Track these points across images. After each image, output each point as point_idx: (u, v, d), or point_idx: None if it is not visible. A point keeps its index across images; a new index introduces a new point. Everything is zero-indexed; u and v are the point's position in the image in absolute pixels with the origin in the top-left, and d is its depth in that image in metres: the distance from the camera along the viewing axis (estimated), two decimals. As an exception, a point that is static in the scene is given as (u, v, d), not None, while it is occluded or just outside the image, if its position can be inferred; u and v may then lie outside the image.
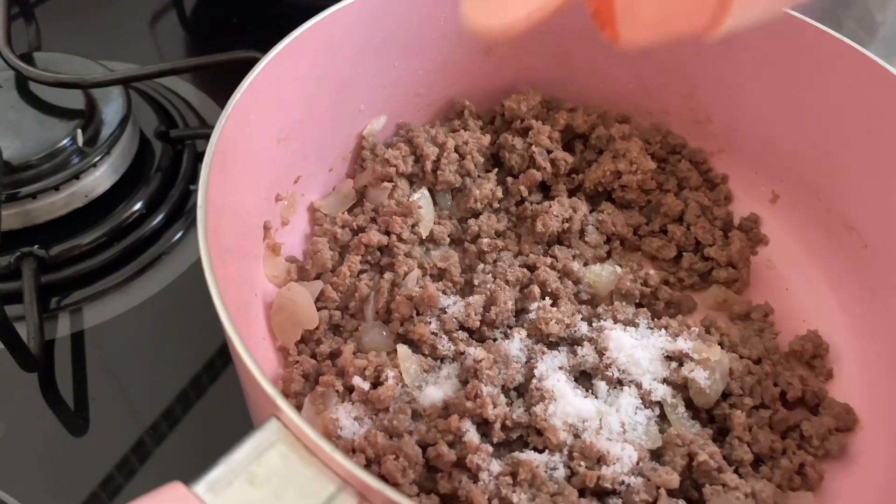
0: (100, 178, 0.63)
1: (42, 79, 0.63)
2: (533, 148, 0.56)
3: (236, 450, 0.30)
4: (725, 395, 0.47)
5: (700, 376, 0.45)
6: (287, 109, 0.47)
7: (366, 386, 0.44)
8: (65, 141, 0.61)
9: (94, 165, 0.62)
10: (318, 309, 0.49)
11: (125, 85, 0.66)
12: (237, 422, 0.50)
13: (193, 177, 0.68)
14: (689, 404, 0.46)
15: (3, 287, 0.57)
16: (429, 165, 0.54)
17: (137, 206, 0.64)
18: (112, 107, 0.65)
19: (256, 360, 0.32)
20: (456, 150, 0.55)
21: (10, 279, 0.58)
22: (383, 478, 0.40)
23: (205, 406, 0.54)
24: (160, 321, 0.58)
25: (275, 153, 0.47)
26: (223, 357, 0.56)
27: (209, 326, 0.57)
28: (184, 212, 0.65)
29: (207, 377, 0.55)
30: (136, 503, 0.28)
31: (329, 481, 0.30)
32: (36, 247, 0.59)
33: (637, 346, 0.46)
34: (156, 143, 0.69)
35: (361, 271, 0.51)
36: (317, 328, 0.48)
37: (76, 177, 0.61)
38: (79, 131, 0.62)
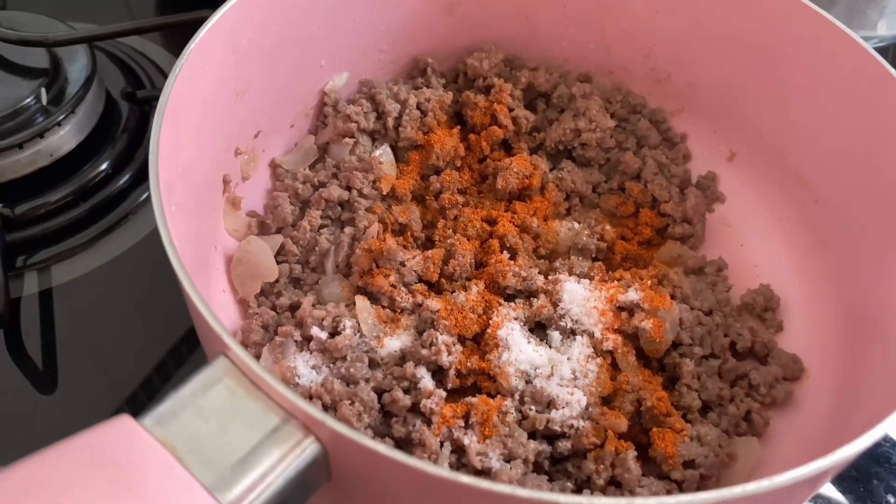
0: (65, 137, 0.62)
1: (4, 36, 0.62)
2: (495, 106, 0.56)
3: (184, 385, 0.31)
4: (676, 345, 0.48)
5: (650, 326, 0.46)
6: (245, 63, 0.47)
7: (323, 335, 0.45)
8: (28, 99, 0.61)
9: (59, 124, 0.62)
10: (279, 262, 0.50)
11: (90, 44, 0.66)
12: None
13: (153, 136, 0.68)
14: (641, 353, 0.47)
15: (-34, 244, 0.57)
16: (390, 122, 0.55)
17: (103, 166, 0.64)
18: (77, 66, 0.65)
19: (209, 304, 0.33)
20: (418, 107, 0.55)
21: (-27, 237, 0.58)
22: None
23: (174, 361, 0.55)
24: (128, 280, 0.59)
25: (232, 107, 0.48)
26: (189, 313, 0.56)
27: (176, 285, 0.57)
28: (150, 173, 0.66)
29: (174, 333, 0.56)
30: (84, 434, 0.29)
31: (274, 414, 0.30)
32: (1, 205, 0.59)
33: (590, 298, 0.47)
34: (122, 104, 0.69)
35: (322, 226, 0.51)
36: (277, 281, 0.49)
37: (40, 135, 0.61)
38: (43, 90, 0.62)
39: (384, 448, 0.29)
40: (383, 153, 0.54)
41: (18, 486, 0.28)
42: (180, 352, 0.55)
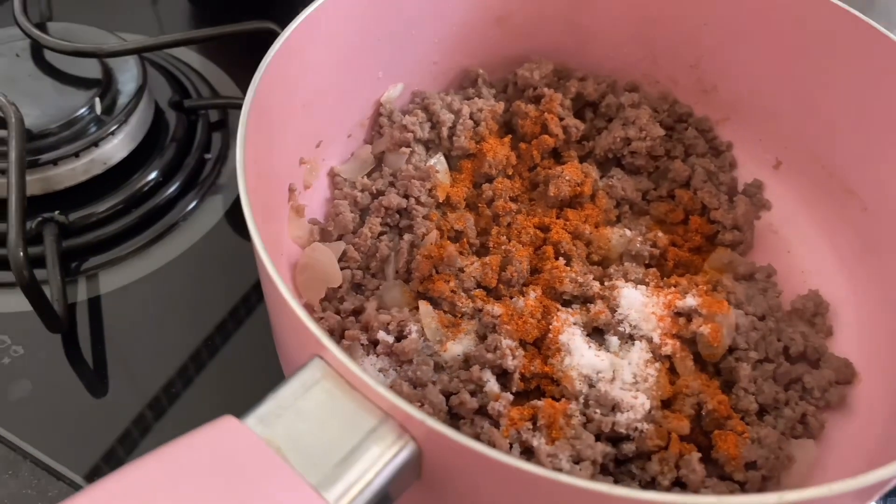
0: (117, 147, 0.64)
1: (60, 48, 0.64)
2: (545, 115, 0.58)
3: (283, 387, 0.32)
4: (731, 350, 0.49)
5: (708, 331, 0.47)
6: (311, 75, 0.48)
7: (390, 339, 0.46)
8: (83, 109, 0.62)
9: (112, 133, 0.63)
10: (341, 268, 0.51)
11: (140, 55, 0.68)
12: (250, 380, 0.52)
13: (207, 146, 0.69)
14: (698, 358, 0.48)
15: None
16: (444, 132, 0.56)
17: (153, 174, 0.65)
18: (128, 76, 0.66)
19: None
20: (471, 117, 0.57)
21: (31, 244, 0.59)
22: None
23: (218, 366, 0.56)
24: (174, 288, 0.60)
25: (299, 118, 0.49)
26: (235, 320, 0.57)
27: (222, 293, 0.59)
28: (198, 181, 0.67)
29: (220, 340, 0.57)
30: (191, 435, 0.30)
31: (371, 414, 0.31)
32: (57, 213, 0.60)
33: (648, 304, 0.48)
34: (170, 113, 0.70)
35: (381, 233, 0.53)
36: (340, 286, 0.50)
37: (95, 144, 0.62)
38: (97, 100, 0.63)
39: (481, 446, 0.30)
40: (438, 162, 0.55)
41: (131, 488, 0.29)
42: (220, 356, 0.56)
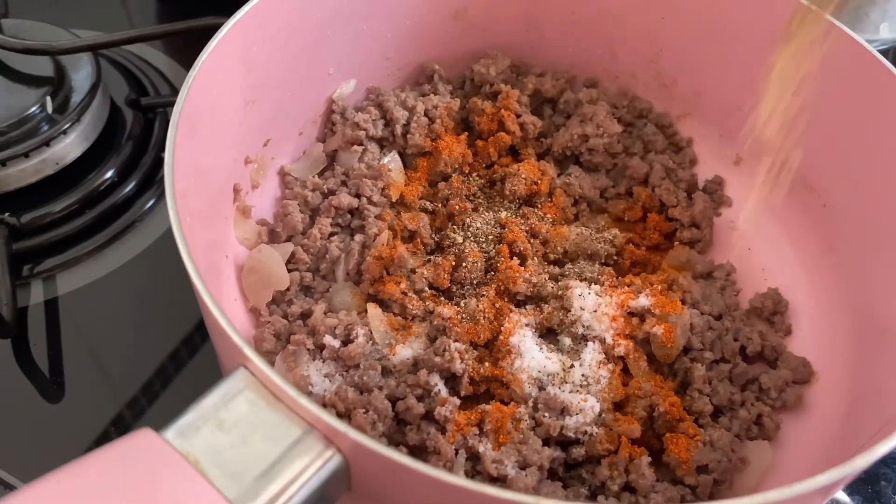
0: (70, 146, 0.62)
1: (9, 45, 0.62)
2: (502, 112, 0.57)
3: (205, 398, 0.31)
4: (686, 350, 0.48)
5: (661, 331, 0.46)
6: (255, 72, 0.47)
7: (336, 344, 0.45)
8: (34, 108, 0.61)
9: (65, 133, 0.62)
10: (290, 271, 0.50)
11: (94, 52, 0.66)
12: (209, 384, 0.51)
13: (165, 145, 0.68)
14: (652, 358, 0.48)
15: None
16: (398, 129, 0.55)
17: (109, 174, 0.64)
18: (81, 74, 0.65)
19: (226, 314, 0.33)
20: (426, 114, 0.56)
21: (-20, 246, 0.58)
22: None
23: (179, 368, 0.55)
24: (133, 288, 0.59)
25: (243, 116, 0.48)
26: (196, 321, 0.56)
27: (182, 293, 0.57)
28: (156, 180, 0.66)
29: (181, 342, 0.56)
30: (107, 448, 0.29)
31: (295, 426, 0.30)
32: (7, 214, 0.59)
33: (601, 304, 0.48)
34: (127, 111, 0.69)
35: (332, 234, 0.52)
36: (288, 289, 0.49)
37: (46, 144, 0.61)
38: (48, 98, 0.62)
39: (408, 460, 0.29)
40: (392, 160, 0.54)
41: (42, 501, 0.28)
42: (182, 358, 0.55)
